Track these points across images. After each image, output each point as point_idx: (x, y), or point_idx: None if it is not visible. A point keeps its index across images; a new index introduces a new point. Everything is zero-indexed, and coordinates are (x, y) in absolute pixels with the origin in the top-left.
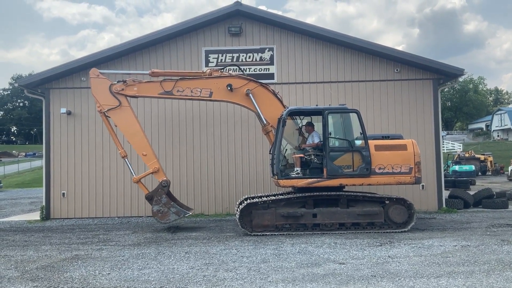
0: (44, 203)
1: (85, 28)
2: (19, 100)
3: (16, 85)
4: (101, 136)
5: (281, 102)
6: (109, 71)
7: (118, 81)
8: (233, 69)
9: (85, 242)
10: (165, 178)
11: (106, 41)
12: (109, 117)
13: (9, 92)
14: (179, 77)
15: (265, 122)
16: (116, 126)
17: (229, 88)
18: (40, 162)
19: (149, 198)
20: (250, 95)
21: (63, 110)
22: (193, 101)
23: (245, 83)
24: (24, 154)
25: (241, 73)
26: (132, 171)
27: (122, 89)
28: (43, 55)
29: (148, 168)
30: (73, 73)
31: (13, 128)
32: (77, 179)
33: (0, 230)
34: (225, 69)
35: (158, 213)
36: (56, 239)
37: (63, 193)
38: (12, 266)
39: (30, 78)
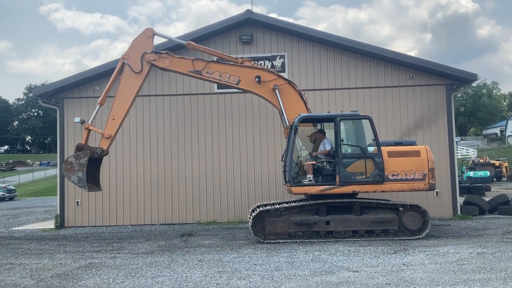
0: (58, 212)
1: (98, 38)
2: (33, 110)
3: (31, 95)
4: (114, 145)
5: (306, 104)
6: (166, 35)
7: (152, 51)
8: (265, 62)
9: (99, 250)
10: (104, 148)
11: (119, 50)
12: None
13: (23, 102)
14: (211, 60)
15: (287, 123)
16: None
17: (257, 80)
18: (54, 171)
19: (79, 148)
20: (276, 90)
21: (77, 119)
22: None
23: (274, 78)
24: (38, 163)
25: (273, 68)
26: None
27: (155, 59)
28: (57, 65)
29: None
30: (86, 83)
31: (28, 138)
32: None
33: (15, 239)
34: (257, 62)
35: (69, 164)
36: (71, 247)
37: (77, 202)
38: (28, 275)
39: (45, 88)
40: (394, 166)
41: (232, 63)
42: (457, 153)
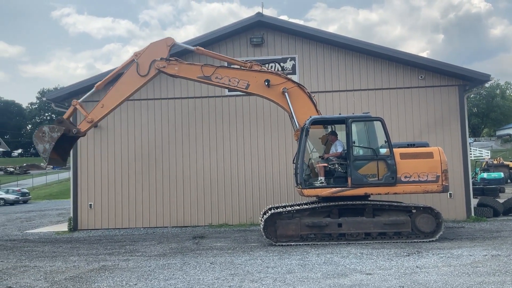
0: (71, 215)
1: (110, 42)
2: (46, 114)
3: (44, 99)
4: (127, 148)
5: (315, 106)
6: (184, 45)
7: (162, 58)
8: (273, 65)
9: (112, 253)
10: (82, 130)
11: (130, 54)
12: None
13: (36, 106)
14: (220, 65)
15: (297, 125)
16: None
17: (266, 84)
18: (67, 174)
19: (59, 121)
20: (286, 94)
21: None
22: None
23: (283, 81)
24: (51, 166)
25: (281, 71)
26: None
27: (164, 66)
28: (69, 69)
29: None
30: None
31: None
32: (104, 191)
33: (30, 241)
34: (266, 66)
35: (41, 132)
36: (84, 250)
37: (90, 205)
38: (42, 277)
39: (58, 92)
40: (406, 168)
41: (241, 67)
42: (471, 154)
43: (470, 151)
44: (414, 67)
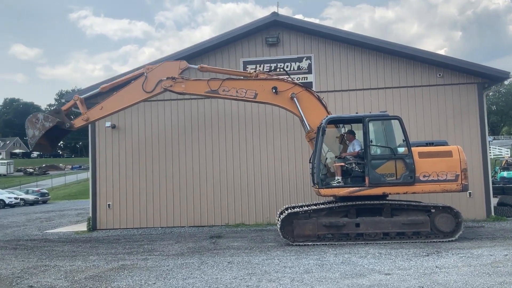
0: (90, 214)
1: (127, 43)
2: None
3: (62, 100)
4: (144, 149)
5: (326, 108)
6: (193, 66)
7: (167, 78)
8: (279, 70)
9: (131, 252)
10: (75, 126)
11: (147, 55)
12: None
13: (55, 107)
14: (226, 77)
15: (308, 128)
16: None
17: (274, 91)
18: (86, 175)
19: (56, 111)
20: (295, 99)
21: (108, 124)
22: (238, 102)
23: (290, 87)
24: (70, 167)
25: (287, 76)
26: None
27: (171, 86)
28: (87, 71)
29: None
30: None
31: (60, 142)
32: (122, 191)
33: (50, 241)
34: (271, 72)
35: (35, 118)
36: (103, 249)
37: (109, 205)
38: (62, 276)
39: (76, 94)
40: (425, 167)
41: (246, 78)
42: (490, 153)
43: (490, 150)
44: (432, 65)
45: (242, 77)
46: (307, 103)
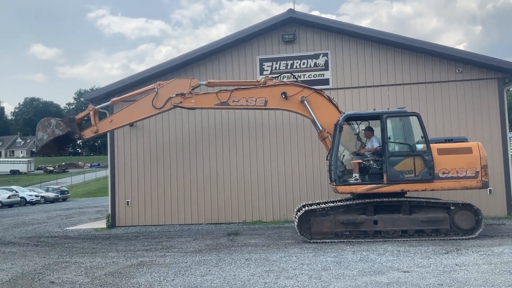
0: (109, 212)
1: (143, 42)
2: None
3: (82, 99)
4: (162, 147)
5: (337, 107)
6: (203, 83)
7: (176, 94)
8: (287, 76)
9: (149, 249)
10: (84, 138)
11: (163, 54)
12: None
13: (74, 106)
14: (234, 88)
15: (320, 128)
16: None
17: (283, 96)
18: (105, 172)
19: (70, 120)
20: (305, 102)
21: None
22: (251, 109)
23: (299, 90)
24: (89, 165)
25: (295, 80)
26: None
27: (180, 102)
28: (105, 70)
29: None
30: (134, 87)
31: (79, 141)
32: (140, 188)
33: (70, 238)
34: (279, 77)
35: (47, 122)
36: (122, 246)
37: (127, 202)
38: (82, 273)
39: (95, 92)
40: (444, 163)
41: (255, 86)
42: (511, 149)
43: (510, 146)
44: (451, 60)
45: (250, 86)
46: (317, 104)
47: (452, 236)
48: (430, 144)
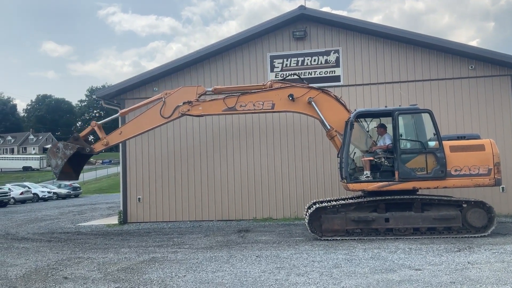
0: (121, 208)
1: (154, 39)
2: (95, 111)
3: (94, 96)
4: (173, 143)
5: (345, 106)
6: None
7: (184, 102)
8: (292, 74)
9: (161, 245)
10: (95, 151)
11: (174, 51)
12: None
13: (85, 103)
14: (241, 92)
15: (328, 127)
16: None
17: (290, 98)
18: (116, 169)
19: (74, 138)
20: (313, 103)
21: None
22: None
23: (306, 92)
24: (101, 161)
25: (300, 79)
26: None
27: (188, 110)
28: (116, 67)
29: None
30: (145, 84)
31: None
32: (151, 185)
33: (82, 234)
34: (285, 77)
35: (56, 148)
36: (134, 242)
37: (139, 198)
38: (95, 268)
39: (107, 90)
40: (456, 161)
41: (261, 89)
42: None
43: None
44: (464, 57)
45: (257, 90)
46: (325, 105)
47: (464, 234)
48: (443, 141)
